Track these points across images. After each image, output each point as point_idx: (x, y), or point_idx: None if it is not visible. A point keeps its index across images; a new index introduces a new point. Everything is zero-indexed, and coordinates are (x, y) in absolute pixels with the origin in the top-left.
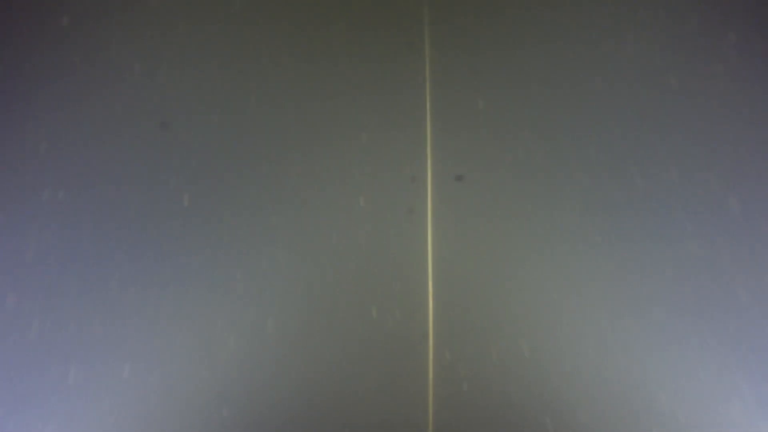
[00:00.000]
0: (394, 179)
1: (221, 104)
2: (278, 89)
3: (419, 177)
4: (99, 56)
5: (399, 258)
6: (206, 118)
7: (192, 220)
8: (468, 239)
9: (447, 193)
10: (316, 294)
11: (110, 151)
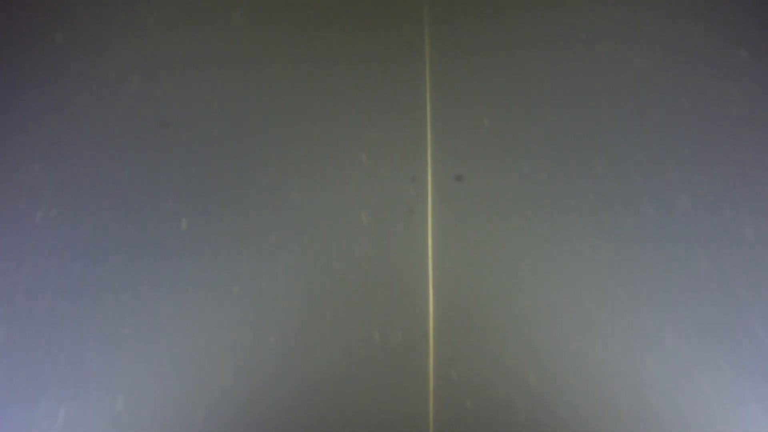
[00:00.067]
0: (394, 179)
1: (221, 104)
2: (278, 89)
3: (419, 177)
4: (99, 56)
5: (399, 258)
6: (206, 118)
7: (192, 220)
8: (468, 239)
9: (447, 193)
10: (316, 294)
11: (110, 151)
